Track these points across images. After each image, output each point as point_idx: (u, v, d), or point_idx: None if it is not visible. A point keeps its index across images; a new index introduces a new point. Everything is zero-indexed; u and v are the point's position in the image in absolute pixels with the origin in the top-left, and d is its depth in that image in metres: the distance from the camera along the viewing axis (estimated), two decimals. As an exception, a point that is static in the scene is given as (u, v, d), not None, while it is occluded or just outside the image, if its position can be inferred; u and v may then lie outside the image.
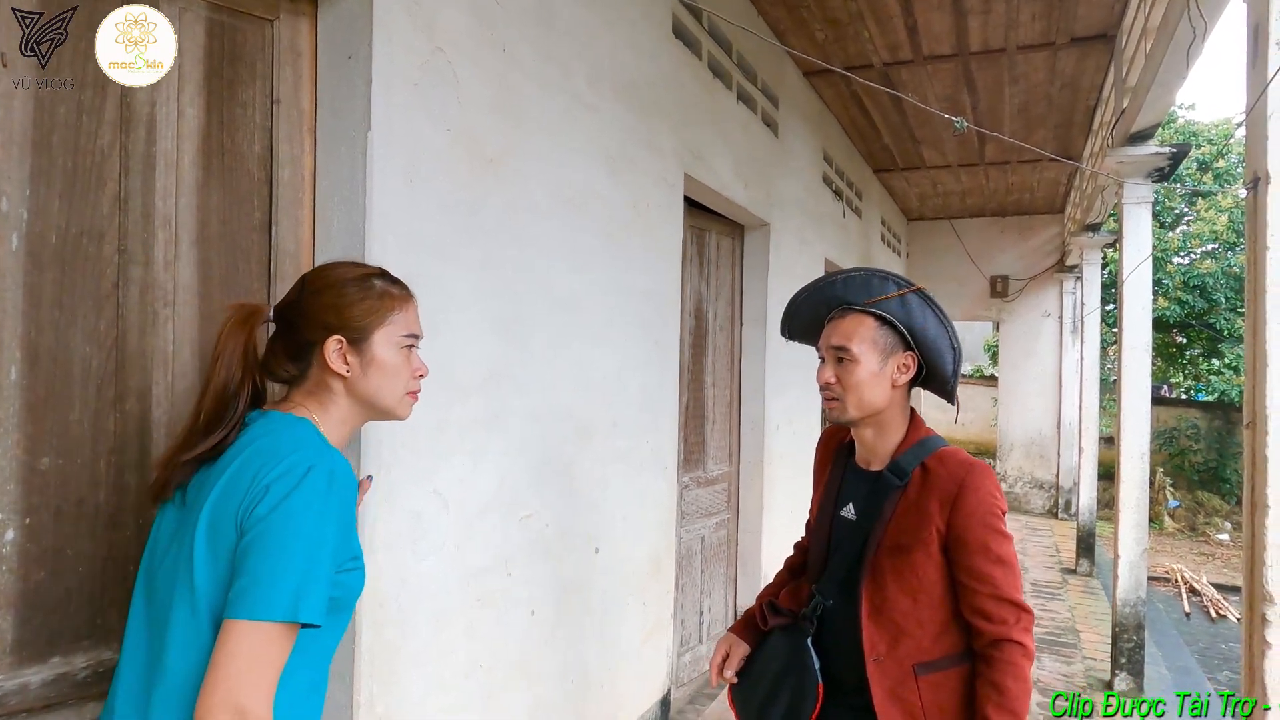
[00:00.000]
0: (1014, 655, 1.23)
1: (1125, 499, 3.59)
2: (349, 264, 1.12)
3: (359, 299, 1.05)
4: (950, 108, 4.78)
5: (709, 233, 3.49)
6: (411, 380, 1.10)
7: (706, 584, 3.50)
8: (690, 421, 3.31)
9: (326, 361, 1.03)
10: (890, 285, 1.34)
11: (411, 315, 1.10)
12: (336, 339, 1.03)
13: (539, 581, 2.04)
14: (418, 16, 1.57)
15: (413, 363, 1.10)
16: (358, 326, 1.04)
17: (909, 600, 1.28)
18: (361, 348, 1.05)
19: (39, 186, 1.14)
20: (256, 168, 1.42)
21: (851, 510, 1.38)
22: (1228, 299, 10.13)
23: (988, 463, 1.33)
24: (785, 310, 1.49)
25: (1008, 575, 1.25)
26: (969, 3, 3.48)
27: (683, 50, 2.84)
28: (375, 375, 1.06)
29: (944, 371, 1.34)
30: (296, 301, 1.07)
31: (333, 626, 1.01)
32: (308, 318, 1.05)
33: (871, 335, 1.32)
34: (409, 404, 1.11)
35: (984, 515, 1.25)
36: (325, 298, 1.05)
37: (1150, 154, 3.41)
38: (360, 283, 1.06)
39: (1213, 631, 5.74)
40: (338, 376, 1.05)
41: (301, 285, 1.09)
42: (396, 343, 1.07)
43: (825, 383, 1.34)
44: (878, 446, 1.37)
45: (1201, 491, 9.62)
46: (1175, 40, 2.38)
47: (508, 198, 1.86)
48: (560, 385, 2.11)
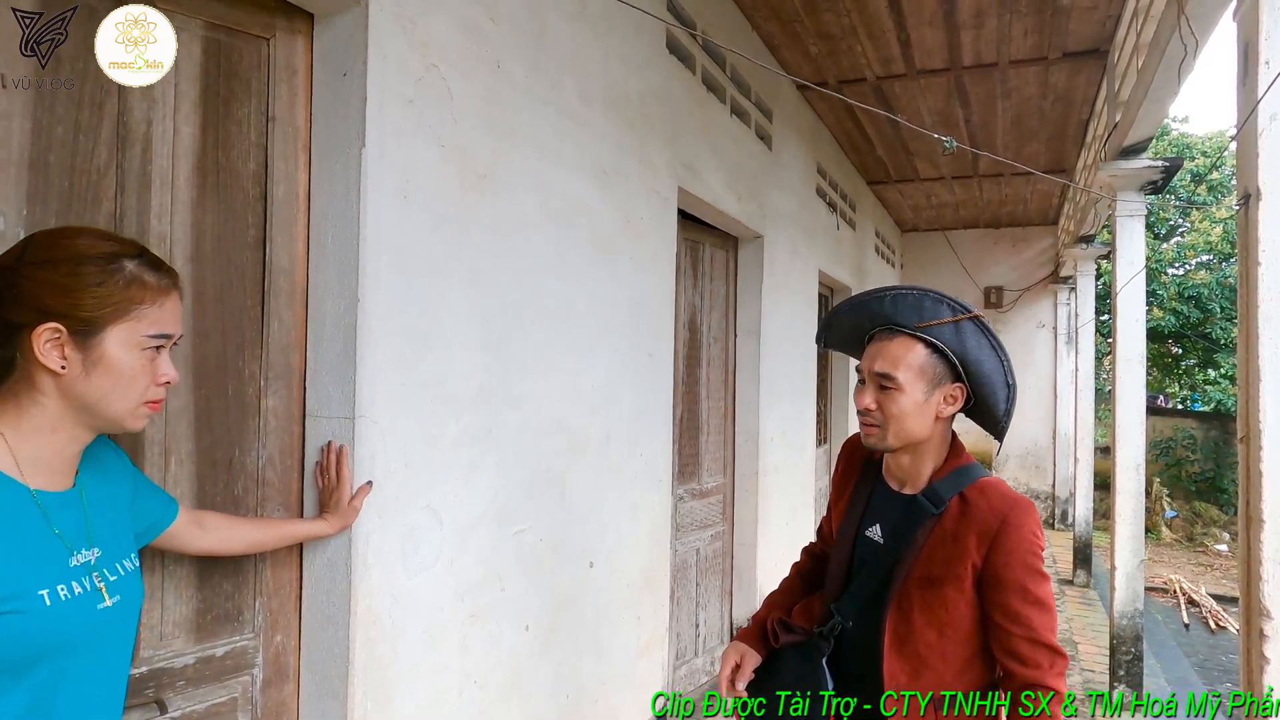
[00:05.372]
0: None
1: (1121, 510, 3.60)
2: (98, 234, 0.90)
3: (96, 283, 0.84)
4: (943, 121, 4.81)
5: (703, 245, 3.50)
6: (152, 388, 0.90)
7: (702, 597, 3.49)
8: (685, 434, 3.31)
9: (36, 353, 0.83)
10: (944, 309, 1.23)
11: (168, 311, 0.90)
12: (53, 327, 0.83)
13: (533, 596, 2.03)
14: (412, 34, 1.58)
15: (158, 368, 0.90)
16: (86, 317, 0.84)
17: (935, 634, 1.22)
18: (87, 343, 0.84)
19: (35, 206, 1.14)
20: (251, 185, 1.43)
21: (878, 532, 1.31)
22: (1223, 309, 10.19)
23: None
24: (825, 319, 1.40)
25: (1044, 617, 1.19)
26: (962, 18, 3.51)
27: (676, 64, 2.86)
28: (101, 379, 0.85)
29: (996, 411, 1.25)
30: (10, 269, 0.84)
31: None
32: (21, 294, 0.83)
33: (920, 363, 1.22)
34: (145, 415, 0.91)
35: (1024, 555, 1.19)
36: (50, 273, 0.83)
37: (1143, 167, 3.43)
38: (103, 262, 0.85)
39: (1212, 643, 5.72)
40: (48, 373, 0.84)
41: (24, 248, 0.86)
42: (138, 343, 0.87)
43: (865, 408, 1.25)
44: (914, 470, 1.30)
45: (1199, 502, 9.63)
46: (1167, 56, 2.40)
47: (499, 212, 1.86)
48: (553, 398, 2.11)
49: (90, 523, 0.92)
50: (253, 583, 1.43)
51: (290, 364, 1.49)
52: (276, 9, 1.45)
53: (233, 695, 1.38)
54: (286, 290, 1.48)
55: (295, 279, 1.49)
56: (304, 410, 1.51)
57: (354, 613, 1.46)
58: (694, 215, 3.30)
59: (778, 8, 3.42)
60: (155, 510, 1.11)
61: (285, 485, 1.48)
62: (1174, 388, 12.24)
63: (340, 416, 1.48)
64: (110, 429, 0.92)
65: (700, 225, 3.44)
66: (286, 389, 1.48)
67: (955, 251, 8.21)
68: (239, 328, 1.41)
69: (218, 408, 1.37)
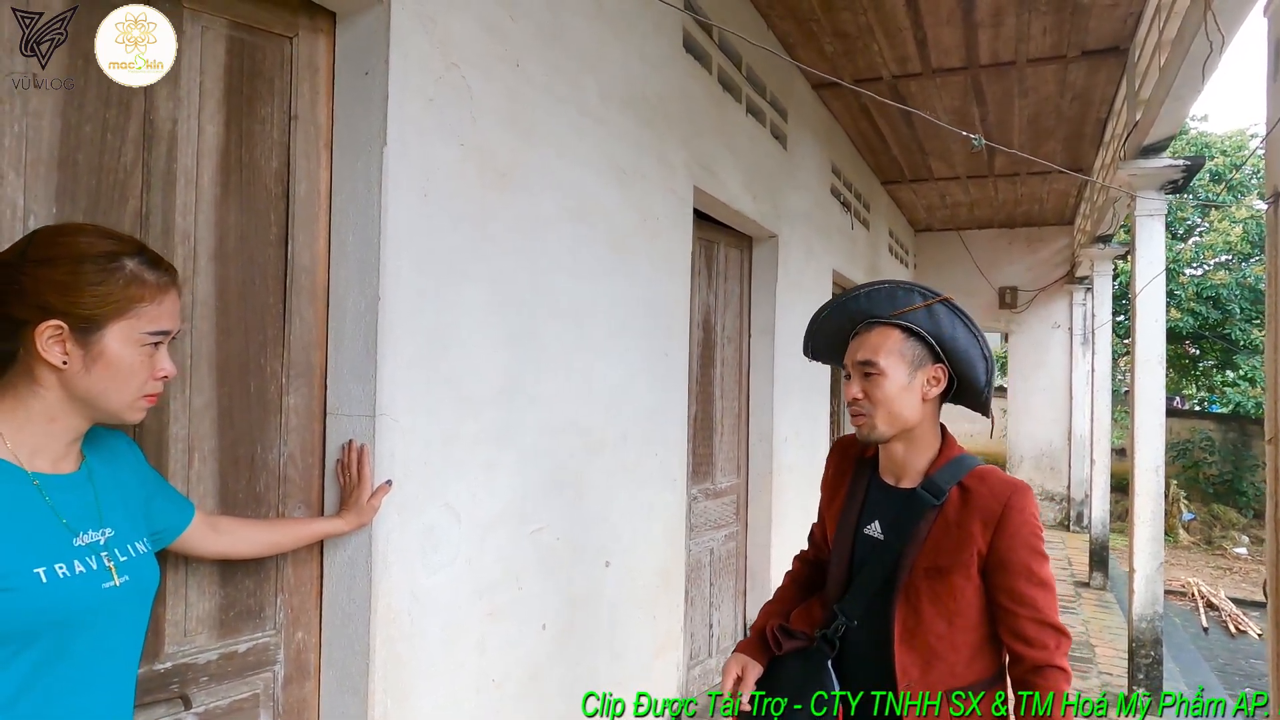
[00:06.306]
0: (1057, 681, 1.19)
1: (1140, 513, 3.56)
2: (99, 231, 0.91)
3: (96, 282, 0.86)
4: (959, 120, 4.78)
5: (717, 245, 3.49)
6: (150, 382, 0.93)
7: (716, 597, 3.48)
8: (699, 434, 3.30)
9: (38, 349, 0.85)
10: (916, 296, 1.30)
11: (166, 308, 0.92)
12: (55, 324, 0.85)
13: (550, 595, 2.03)
14: (433, 33, 1.58)
15: (156, 363, 0.93)
16: (87, 315, 0.85)
17: (944, 624, 1.24)
18: (88, 339, 0.86)
19: (64, 204, 1.15)
20: (274, 183, 1.44)
21: (878, 529, 1.33)
22: (1243, 310, 10.06)
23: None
24: (808, 328, 1.43)
25: (1048, 598, 1.22)
26: (980, 16, 3.48)
27: (693, 64, 2.85)
28: (101, 374, 0.88)
29: (976, 383, 1.30)
30: (13, 265, 0.86)
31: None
32: (23, 291, 0.85)
33: (898, 347, 1.27)
34: (142, 408, 0.93)
35: (1028, 537, 1.22)
36: (52, 271, 0.85)
37: (1164, 167, 3.40)
38: (104, 261, 0.87)
39: (1232, 647, 5.65)
40: (49, 367, 0.86)
41: (26, 245, 0.88)
42: (137, 339, 0.89)
43: (852, 398, 1.30)
44: (909, 463, 1.33)
45: (1217, 504, 9.51)
46: (1191, 54, 2.37)
47: (518, 211, 1.86)
48: (570, 398, 2.11)
49: (101, 503, 0.93)
50: (274, 580, 1.44)
51: (311, 362, 1.49)
52: (299, 8, 1.46)
53: (255, 691, 1.38)
54: (308, 288, 1.48)
55: (316, 277, 1.50)
56: (325, 408, 1.52)
57: (374, 610, 1.46)
58: (709, 215, 3.29)
59: (794, 6, 3.41)
60: (172, 513, 1.12)
61: (306, 482, 1.49)
62: (1191, 389, 12.10)
63: (361, 414, 1.48)
64: (108, 421, 0.93)
65: (715, 225, 3.43)
66: (308, 387, 1.49)
67: (969, 251, 8.14)
68: (261, 325, 1.41)
69: (240, 405, 1.38)
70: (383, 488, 1.47)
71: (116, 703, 0.93)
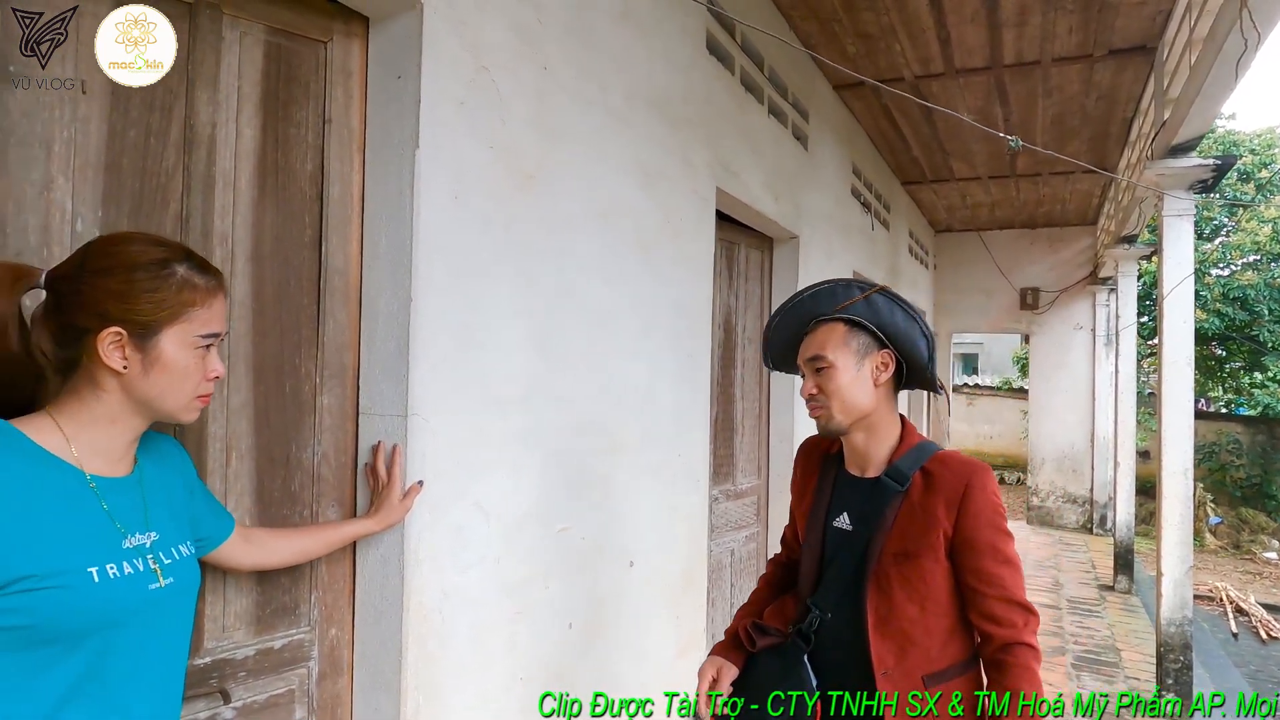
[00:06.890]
0: (1027, 659, 1.22)
1: (1168, 516, 3.50)
2: (148, 239, 0.94)
3: (151, 289, 0.89)
4: (982, 120, 4.73)
5: (738, 246, 3.49)
6: (203, 383, 0.96)
7: (737, 598, 3.47)
8: (719, 434, 3.29)
9: (99, 355, 0.89)
10: (854, 290, 1.36)
11: (215, 311, 0.96)
12: (115, 331, 0.88)
13: (575, 594, 2.04)
14: (465, 36, 1.60)
15: (208, 364, 0.97)
16: (144, 321, 0.89)
17: (916, 608, 1.27)
18: (146, 344, 0.90)
19: (110, 207, 1.17)
20: (308, 186, 1.46)
21: (846, 520, 1.36)
22: (1271, 311, 9.87)
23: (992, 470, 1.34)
24: (763, 337, 1.49)
25: (1015, 576, 1.26)
26: (1004, 15, 3.45)
27: (716, 65, 2.85)
28: (159, 377, 0.91)
29: (920, 359, 1.35)
30: (73, 277, 0.90)
31: (21, 666, 0.82)
32: (83, 301, 0.88)
33: (844, 340, 1.34)
34: (197, 408, 0.97)
35: (990, 515, 1.26)
36: (109, 281, 0.89)
37: (1193, 166, 3.35)
38: (156, 268, 0.90)
39: (1263, 654, 5.55)
40: (110, 372, 0.90)
41: (83, 257, 0.91)
42: (191, 342, 0.93)
43: (809, 394, 1.36)
44: (871, 452, 1.37)
45: (1245, 508, 9.34)
46: (1224, 52, 2.33)
47: (546, 212, 1.88)
48: (595, 398, 2.11)
49: (149, 507, 0.96)
50: (309, 577, 1.46)
51: (344, 362, 1.51)
52: (334, 13, 1.48)
53: (290, 687, 1.40)
54: (341, 290, 1.50)
55: (350, 278, 1.52)
56: (357, 408, 1.54)
57: (406, 608, 1.48)
58: (730, 215, 3.29)
59: (816, 7, 3.40)
60: (213, 523, 1.14)
61: (339, 481, 1.51)
62: (1217, 391, 11.88)
63: (393, 414, 1.50)
64: (165, 421, 0.97)
65: (736, 226, 3.42)
66: (341, 387, 1.51)
67: (990, 252, 8.07)
68: (296, 326, 1.43)
69: (275, 405, 1.40)
70: (414, 488, 1.48)
71: (164, 702, 0.96)
